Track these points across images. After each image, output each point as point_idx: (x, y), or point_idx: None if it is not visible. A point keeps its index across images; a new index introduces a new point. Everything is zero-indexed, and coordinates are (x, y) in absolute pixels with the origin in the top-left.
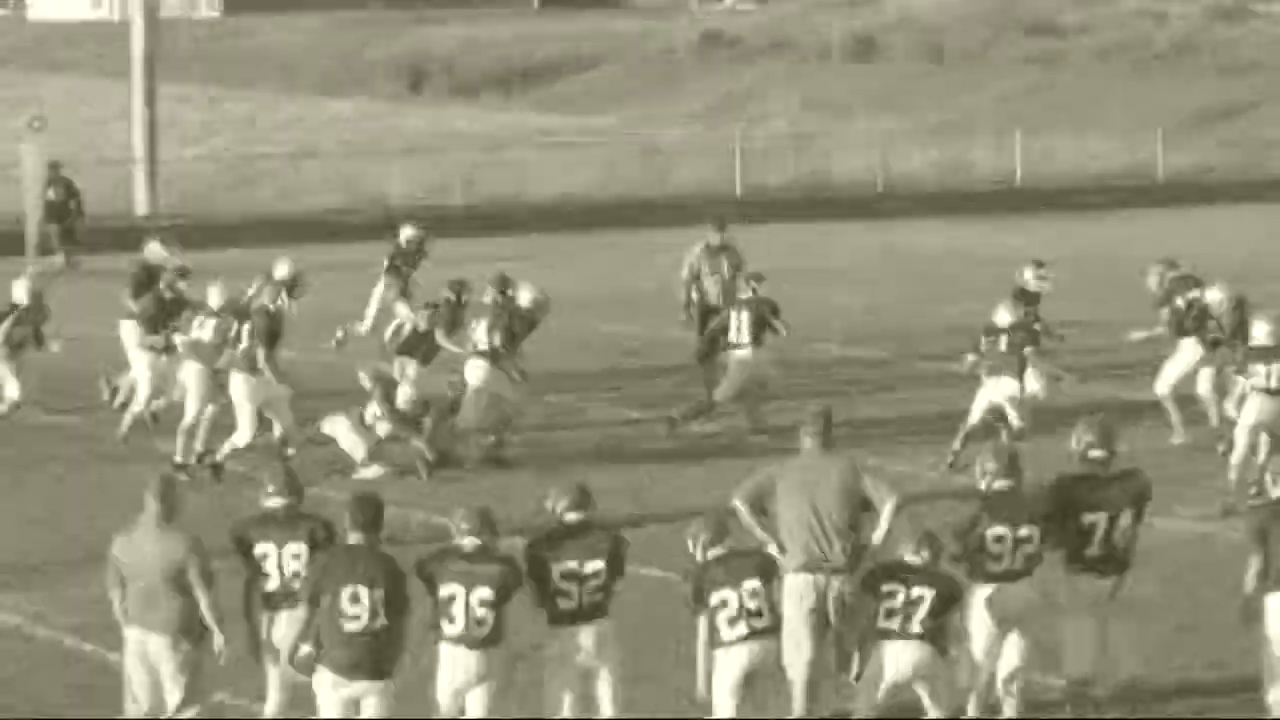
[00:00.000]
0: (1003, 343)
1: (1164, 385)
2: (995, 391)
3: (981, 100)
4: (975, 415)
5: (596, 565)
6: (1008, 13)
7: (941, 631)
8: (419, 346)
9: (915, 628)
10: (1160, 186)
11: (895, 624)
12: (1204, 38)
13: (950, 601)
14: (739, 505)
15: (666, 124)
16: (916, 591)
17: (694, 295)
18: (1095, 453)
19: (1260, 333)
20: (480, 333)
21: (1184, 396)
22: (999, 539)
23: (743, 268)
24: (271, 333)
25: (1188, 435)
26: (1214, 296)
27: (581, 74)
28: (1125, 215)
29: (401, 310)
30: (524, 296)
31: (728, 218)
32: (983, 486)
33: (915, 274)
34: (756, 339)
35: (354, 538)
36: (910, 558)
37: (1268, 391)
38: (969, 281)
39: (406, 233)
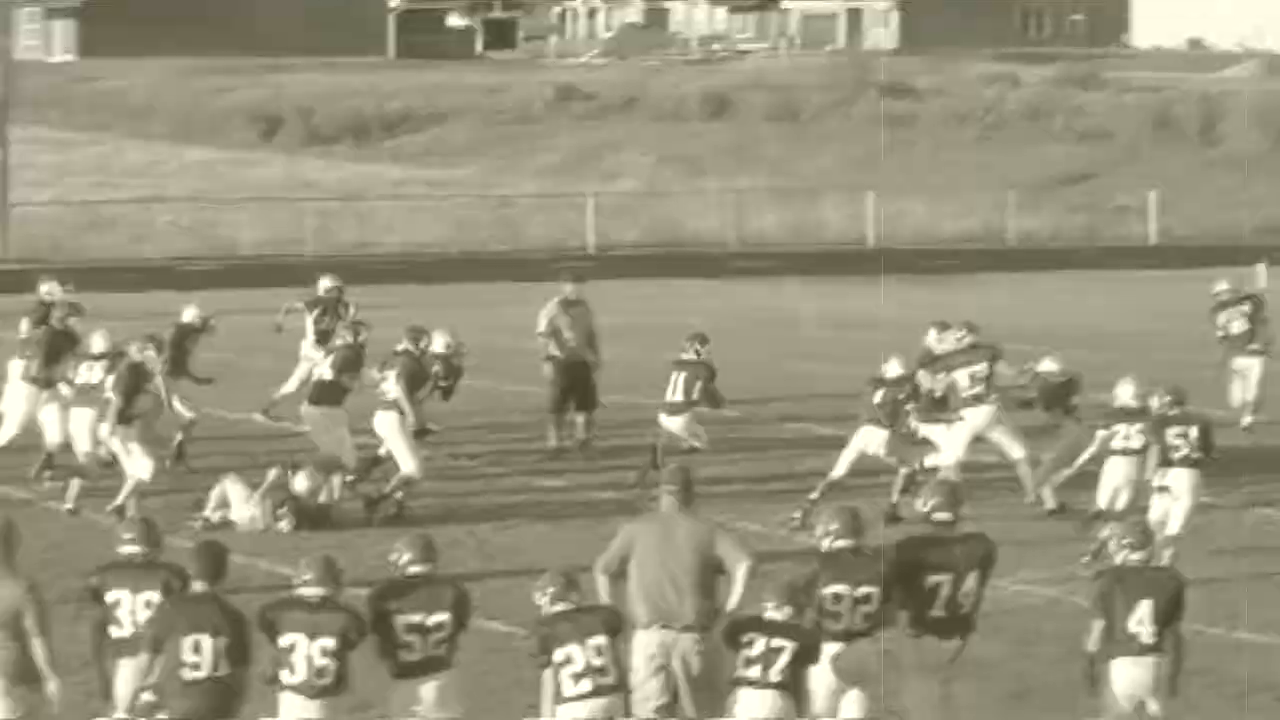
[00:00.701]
0: (879, 395)
1: (1018, 451)
2: (867, 441)
3: (834, 160)
4: (841, 468)
5: (440, 618)
6: (862, 74)
7: (799, 684)
8: (329, 394)
9: (774, 677)
10: (1010, 250)
11: (755, 672)
12: (1055, 103)
13: (810, 655)
14: (598, 577)
15: (520, 178)
16: (777, 642)
17: (553, 349)
18: (940, 515)
19: (1125, 394)
20: (389, 383)
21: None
22: (837, 598)
23: (592, 323)
24: (136, 385)
25: (1045, 497)
26: (1047, 366)
27: (436, 126)
28: (976, 278)
29: (315, 356)
30: (438, 343)
31: (582, 272)
32: (823, 546)
33: (765, 333)
34: (688, 401)
35: (197, 586)
36: (772, 613)
37: (1126, 452)
38: (819, 342)
39: (324, 284)
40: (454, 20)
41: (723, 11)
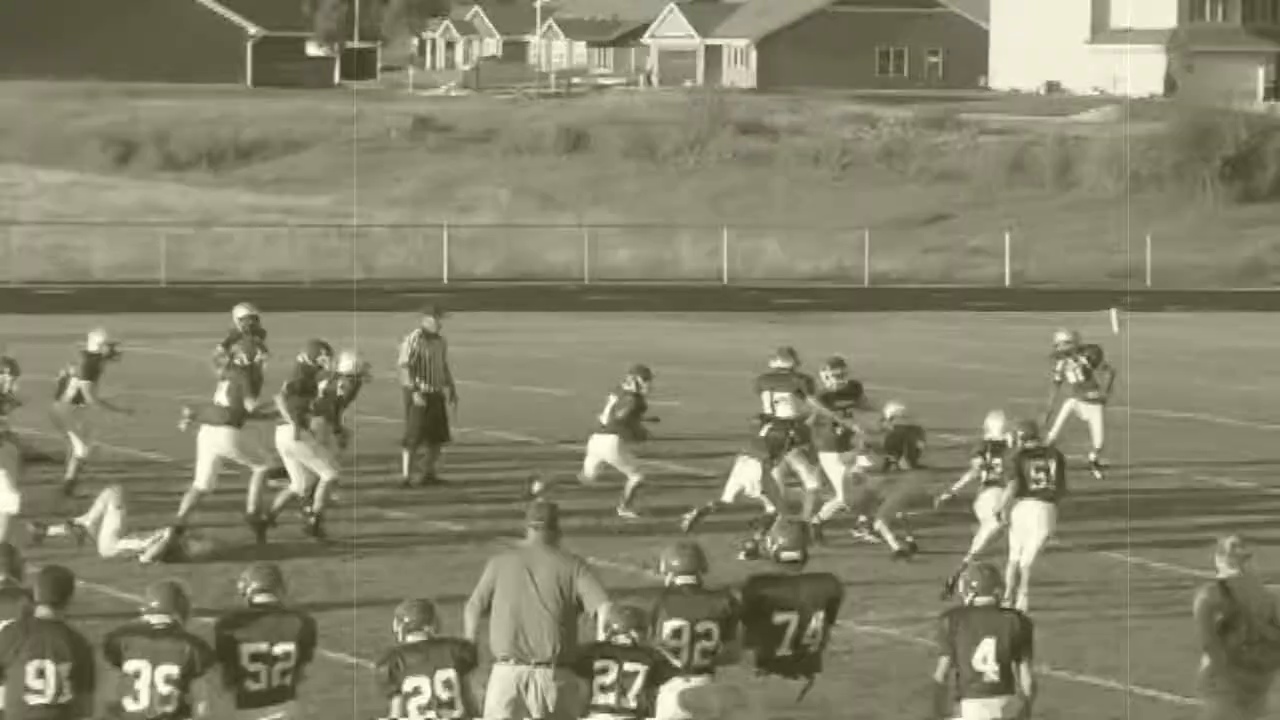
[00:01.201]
0: (765, 429)
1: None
2: (743, 474)
3: (690, 197)
4: (728, 494)
5: (286, 647)
6: (720, 111)
7: (653, 706)
8: (227, 417)
9: (630, 702)
10: (865, 290)
11: (611, 699)
12: (912, 144)
13: (660, 674)
14: (467, 618)
15: (376, 208)
16: (630, 666)
17: (414, 382)
18: (788, 554)
19: (995, 427)
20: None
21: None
22: (677, 633)
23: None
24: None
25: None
26: (891, 409)
27: (292, 154)
28: (830, 317)
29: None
30: (345, 363)
31: (443, 305)
32: (665, 581)
33: (618, 368)
34: (630, 429)
35: (42, 611)
36: (620, 637)
37: (1000, 484)
38: (671, 378)
39: (239, 311)
40: (312, 50)
41: (581, 46)
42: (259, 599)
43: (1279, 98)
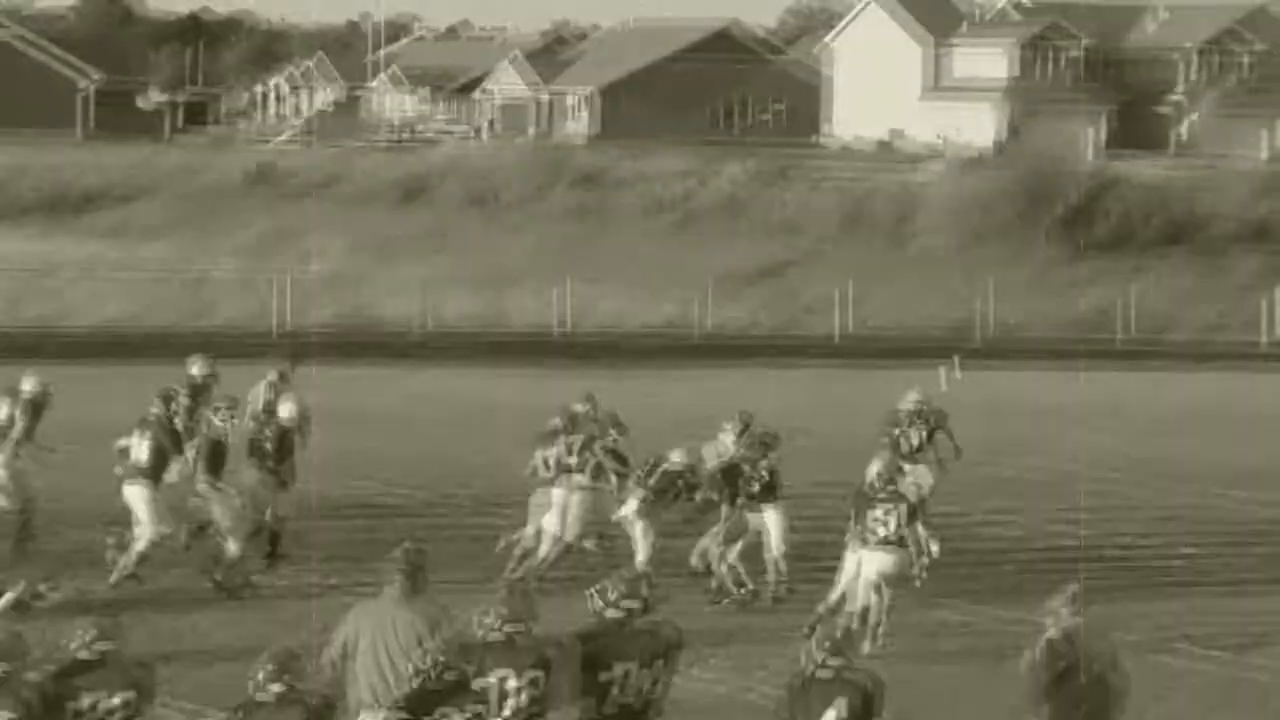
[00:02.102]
0: (655, 479)
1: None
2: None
3: (527, 248)
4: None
5: (122, 697)
6: (558, 162)
7: None
8: (153, 468)
9: None
10: (701, 343)
11: None
12: (750, 196)
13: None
14: (325, 667)
15: (213, 257)
16: (471, 708)
17: (266, 430)
18: (626, 603)
19: (872, 473)
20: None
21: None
22: (502, 682)
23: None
24: None
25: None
26: (676, 457)
27: (129, 204)
28: (666, 370)
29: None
30: (284, 410)
31: (294, 354)
32: (493, 630)
33: (453, 419)
34: (595, 477)
35: None
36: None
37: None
38: (505, 429)
39: (198, 367)
40: (151, 98)
41: (420, 96)
42: (95, 649)
43: (1114, 151)
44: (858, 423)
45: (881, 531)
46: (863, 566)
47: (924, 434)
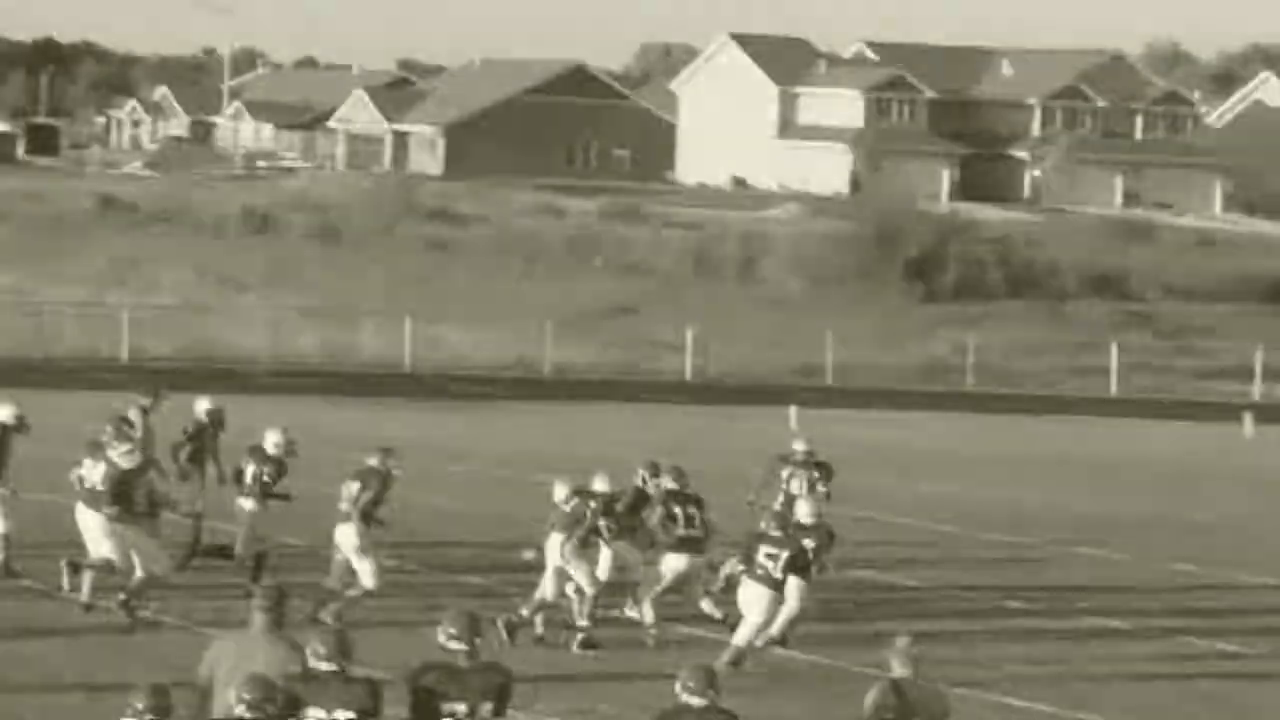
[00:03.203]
0: (571, 506)
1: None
2: (551, 548)
3: (375, 282)
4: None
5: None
6: (406, 197)
7: None
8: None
9: None
10: (547, 380)
11: None
12: (598, 236)
13: None
14: (194, 700)
15: (56, 286)
16: None
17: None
18: (455, 644)
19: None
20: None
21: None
22: None
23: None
24: None
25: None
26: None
27: None
28: (511, 406)
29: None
30: (269, 442)
31: (159, 386)
32: (311, 666)
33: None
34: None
35: None
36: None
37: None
38: (351, 464)
39: (205, 405)
40: None
41: (269, 129)
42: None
43: (964, 199)
44: (707, 461)
45: (765, 567)
46: (743, 598)
47: (809, 481)
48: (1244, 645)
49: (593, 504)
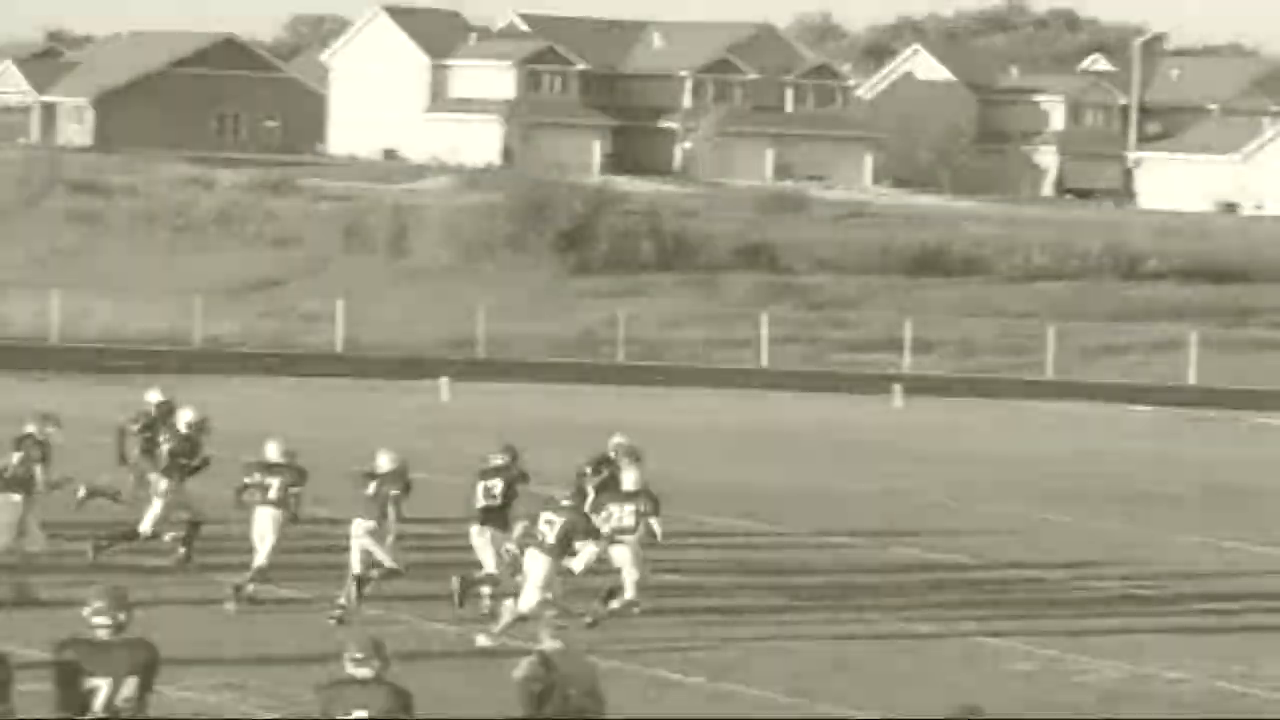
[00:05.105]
0: (371, 487)
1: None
2: (357, 530)
3: (21, 255)
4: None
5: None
6: (52, 169)
7: None
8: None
9: None
10: (197, 353)
11: None
12: (248, 208)
13: None
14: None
15: None
16: None
17: None
18: (99, 619)
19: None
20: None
21: None
22: None
23: None
24: None
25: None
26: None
27: None
28: (162, 380)
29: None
30: (182, 419)
31: None
32: None
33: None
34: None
35: None
36: None
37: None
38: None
39: (153, 396)
40: None
41: None
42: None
43: (615, 171)
44: (359, 432)
45: (543, 535)
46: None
47: (498, 495)
48: (885, 615)
49: (392, 486)
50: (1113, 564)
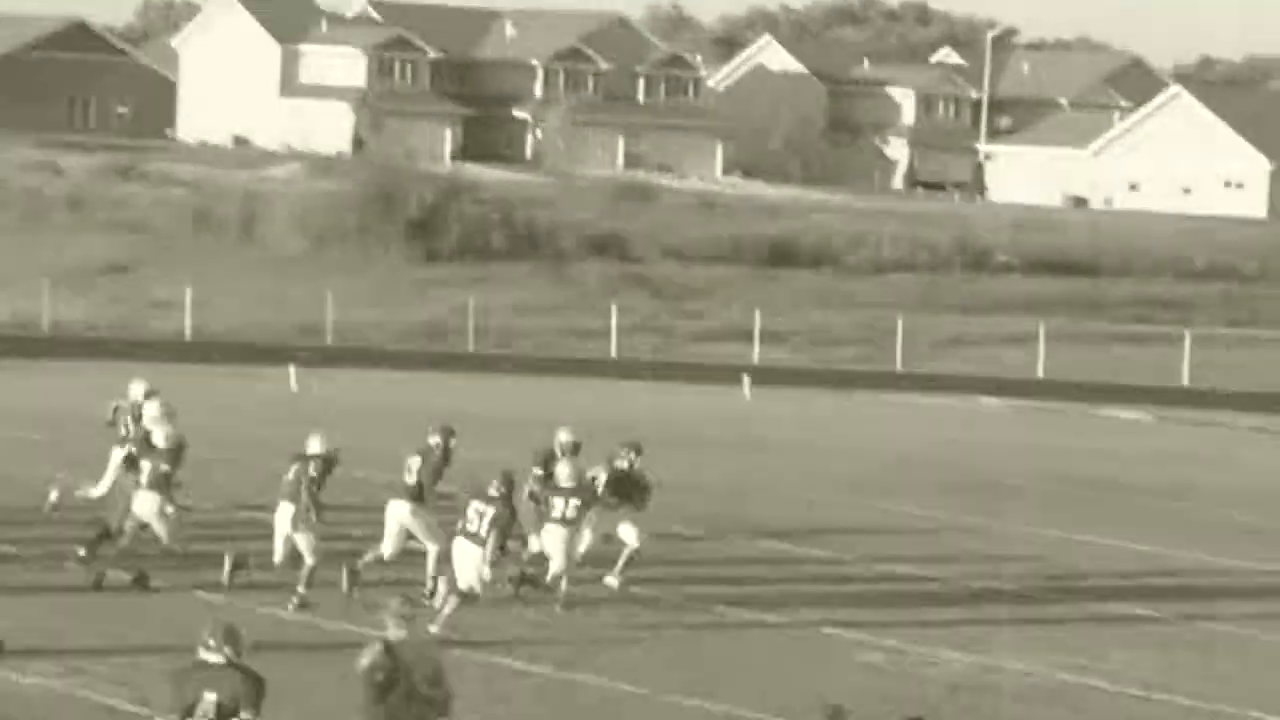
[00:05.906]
0: (292, 471)
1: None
2: (280, 516)
3: None
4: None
5: None
6: None
7: None
8: None
9: None
10: (45, 339)
11: None
12: (97, 193)
13: None
14: None
15: None
16: None
17: None
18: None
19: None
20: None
21: None
22: None
23: None
24: None
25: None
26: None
27: None
28: (8, 364)
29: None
30: (158, 435)
31: None
32: None
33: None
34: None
35: None
36: None
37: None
38: None
39: (136, 389)
40: None
41: None
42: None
43: (467, 159)
44: (206, 419)
45: (474, 522)
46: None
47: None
48: (732, 606)
49: (311, 469)
50: (961, 556)
